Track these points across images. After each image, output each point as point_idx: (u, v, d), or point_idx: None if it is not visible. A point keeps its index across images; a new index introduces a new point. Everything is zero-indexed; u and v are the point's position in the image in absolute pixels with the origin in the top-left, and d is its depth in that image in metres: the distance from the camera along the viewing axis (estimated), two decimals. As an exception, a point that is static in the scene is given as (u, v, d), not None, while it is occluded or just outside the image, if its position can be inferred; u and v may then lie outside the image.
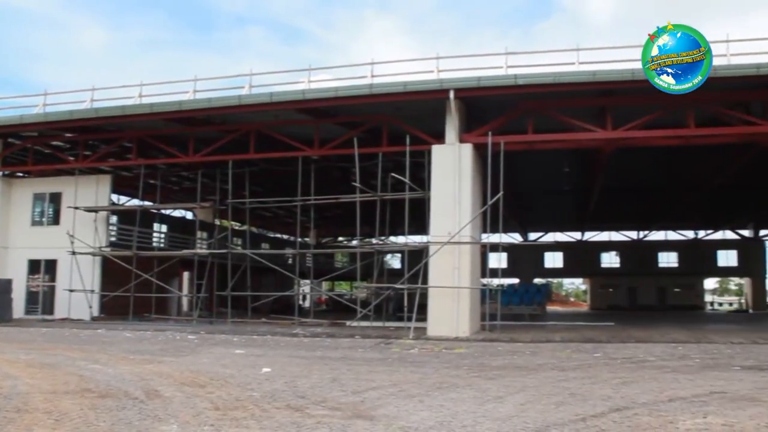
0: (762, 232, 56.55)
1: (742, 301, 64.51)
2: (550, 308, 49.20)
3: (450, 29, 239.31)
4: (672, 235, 58.09)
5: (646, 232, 57.45)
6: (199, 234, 35.41)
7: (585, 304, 69.25)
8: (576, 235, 58.02)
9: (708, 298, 68.68)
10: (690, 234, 57.73)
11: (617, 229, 57.29)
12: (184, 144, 25.51)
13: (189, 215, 40.11)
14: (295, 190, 24.84)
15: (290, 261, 41.55)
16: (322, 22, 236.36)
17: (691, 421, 6.95)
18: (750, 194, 38.48)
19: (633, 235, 57.93)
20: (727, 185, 32.64)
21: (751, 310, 54.40)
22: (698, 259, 57.43)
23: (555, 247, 59.36)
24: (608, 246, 59.52)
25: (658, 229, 56.77)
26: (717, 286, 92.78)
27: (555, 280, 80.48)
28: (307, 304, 40.05)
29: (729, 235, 57.33)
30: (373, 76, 21.63)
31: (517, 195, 33.43)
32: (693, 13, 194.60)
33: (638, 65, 19.57)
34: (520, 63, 21.21)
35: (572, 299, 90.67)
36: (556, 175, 33.92)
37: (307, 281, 37.37)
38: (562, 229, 57.41)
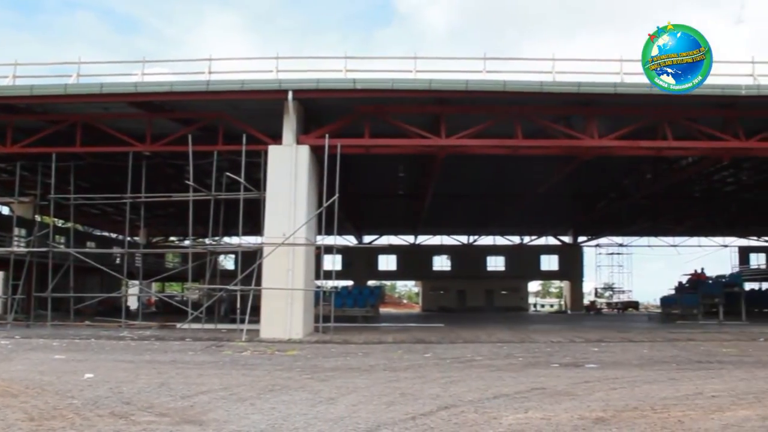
0: (580, 239, 60.64)
1: (562, 302, 68.78)
2: (384, 310, 50.00)
3: (293, 29, 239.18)
4: (500, 240, 60.88)
5: (475, 237, 59.89)
6: (16, 231, 33.06)
7: (417, 306, 71.18)
8: (409, 239, 59.47)
9: (531, 300, 72.68)
10: (516, 239, 60.80)
11: (449, 233, 59.33)
12: (2, 133, 23.64)
13: (5, 210, 37.43)
14: (125, 187, 23.72)
15: (118, 261, 39.79)
16: (159, 12, 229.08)
17: (513, 416, 7.29)
18: (570, 203, 41.16)
19: (463, 239, 60.21)
20: (550, 194, 34.54)
21: (569, 311, 58.10)
22: (523, 263, 60.70)
23: (389, 250, 60.50)
24: (440, 250, 61.51)
25: (487, 234, 59.28)
26: (539, 288, 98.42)
27: (388, 283, 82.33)
28: (135, 305, 38.44)
29: (551, 240, 61.06)
30: (210, 72, 21.08)
31: (353, 197, 33.90)
32: (523, 31, 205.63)
33: (472, 76, 20.43)
34: (359, 67, 21.52)
35: (405, 301, 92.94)
36: (392, 179, 34.64)
37: (136, 282, 35.91)
38: (396, 233, 58.69)
